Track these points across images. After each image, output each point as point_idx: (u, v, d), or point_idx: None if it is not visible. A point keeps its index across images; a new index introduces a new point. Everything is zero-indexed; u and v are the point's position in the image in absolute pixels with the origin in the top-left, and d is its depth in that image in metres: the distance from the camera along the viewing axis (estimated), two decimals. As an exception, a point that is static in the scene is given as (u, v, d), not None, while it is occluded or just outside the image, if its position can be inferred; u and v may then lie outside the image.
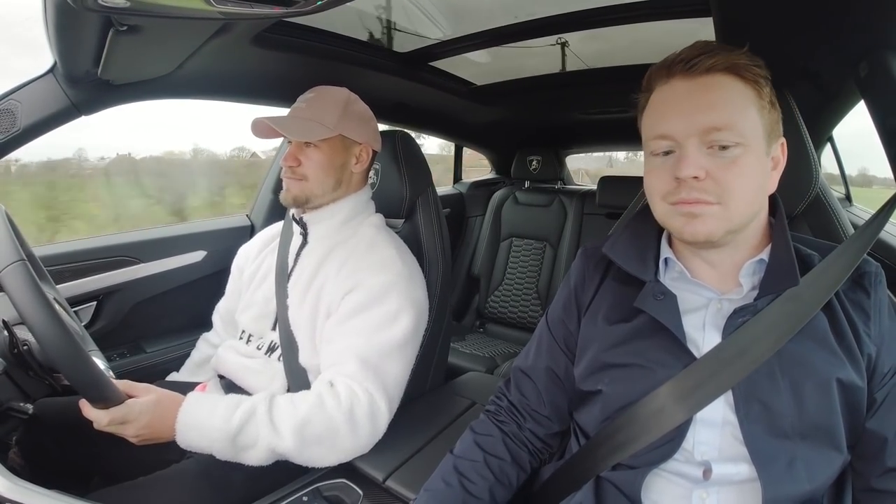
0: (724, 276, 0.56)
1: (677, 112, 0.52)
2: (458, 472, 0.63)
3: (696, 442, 0.53)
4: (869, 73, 0.71)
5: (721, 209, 0.51)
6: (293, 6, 0.49)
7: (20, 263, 0.61)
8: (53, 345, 0.59)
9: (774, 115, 0.53)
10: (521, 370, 0.69)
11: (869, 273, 0.54)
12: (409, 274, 0.89)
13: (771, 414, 0.50)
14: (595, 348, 0.60)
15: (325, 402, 0.75)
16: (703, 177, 0.50)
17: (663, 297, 0.56)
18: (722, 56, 0.51)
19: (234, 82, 1.08)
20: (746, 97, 0.51)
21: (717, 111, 0.50)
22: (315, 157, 0.89)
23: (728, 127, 0.49)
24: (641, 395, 0.54)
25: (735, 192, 0.50)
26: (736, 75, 0.51)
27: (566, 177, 2.44)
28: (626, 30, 1.05)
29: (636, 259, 0.59)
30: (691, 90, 0.52)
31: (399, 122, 1.61)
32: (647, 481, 0.54)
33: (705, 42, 0.53)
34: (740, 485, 0.51)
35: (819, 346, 0.51)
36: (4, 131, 0.82)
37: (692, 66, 0.51)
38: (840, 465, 0.52)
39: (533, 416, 0.67)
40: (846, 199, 1.43)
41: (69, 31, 0.65)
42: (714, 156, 0.50)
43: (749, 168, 0.50)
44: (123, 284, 1.15)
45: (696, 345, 0.55)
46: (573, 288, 0.66)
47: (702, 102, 0.51)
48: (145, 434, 0.69)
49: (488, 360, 1.79)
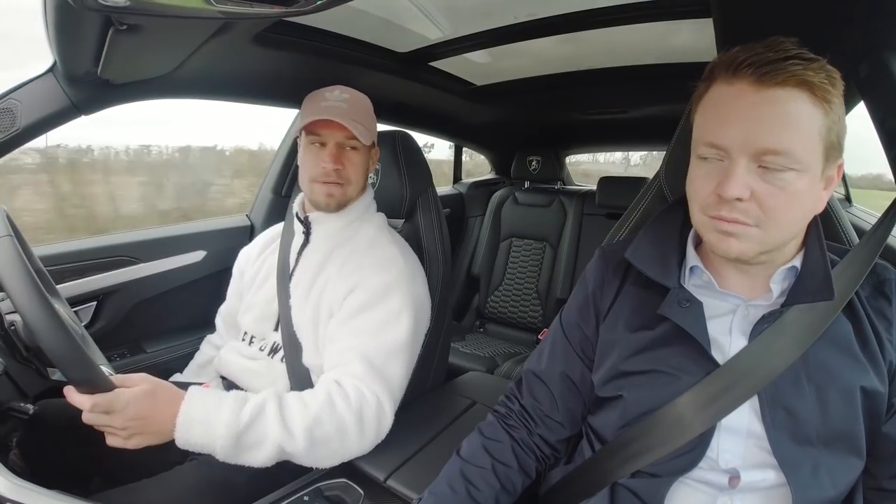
0: (755, 284, 0.55)
1: (736, 125, 0.47)
2: (465, 478, 0.62)
3: (720, 450, 0.52)
4: (869, 74, 0.71)
5: (759, 232, 0.48)
6: (293, 6, 0.49)
7: (6, 238, 0.61)
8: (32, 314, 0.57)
9: (836, 133, 0.48)
10: (535, 374, 0.67)
11: (890, 280, 0.54)
12: (410, 272, 0.89)
13: (796, 420, 0.50)
14: (616, 356, 0.59)
15: (335, 402, 0.74)
16: (748, 198, 0.47)
17: (689, 305, 0.54)
18: (798, 69, 0.45)
19: (234, 82, 1.08)
20: (813, 118, 0.46)
21: (778, 133, 0.46)
22: (356, 160, 0.91)
23: (787, 153, 0.46)
24: (663, 403, 0.53)
25: (777, 219, 0.48)
26: (809, 92, 0.45)
27: (566, 177, 2.44)
28: (627, 30, 1.05)
29: (659, 265, 0.58)
30: (756, 104, 0.46)
31: (399, 122, 1.61)
32: (670, 489, 0.53)
33: (782, 42, 0.47)
34: (767, 491, 0.51)
35: (843, 354, 0.51)
36: (4, 131, 0.82)
37: (764, 74, 0.46)
38: (860, 471, 0.52)
39: (545, 421, 0.65)
40: (846, 199, 1.43)
41: (69, 30, 0.65)
42: (764, 178, 0.47)
43: (799, 193, 0.47)
44: (123, 284, 1.14)
45: (722, 350, 0.54)
46: (591, 292, 0.64)
47: (765, 120, 0.46)
48: (135, 427, 0.64)
49: (488, 359, 1.79)
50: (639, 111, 1.76)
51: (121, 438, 0.65)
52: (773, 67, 0.45)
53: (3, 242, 0.61)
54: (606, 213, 1.95)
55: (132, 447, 0.66)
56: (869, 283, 0.53)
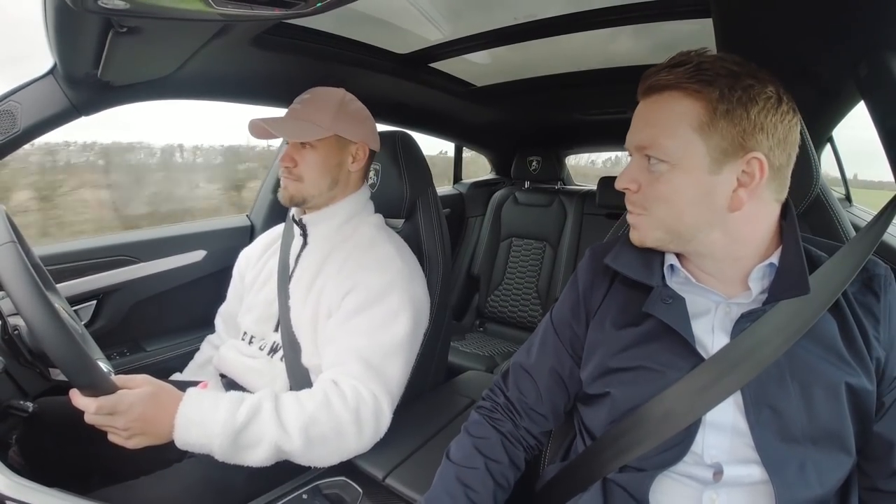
0: (728, 283, 0.56)
1: (630, 130, 0.56)
2: (462, 483, 0.62)
3: (705, 445, 0.53)
4: (869, 74, 0.71)
5: (647, 219, 0.55)
6: (293, 7, 0.50)
7: (9, 245, 0.62)
8: (38, 322, 0.58)
9: (734, 131, 0.49)
10: (523, 367, 0.68)
11: (879, 276, 0.54)
12: (409, 272, 0.89)
13: (781, 419, 0.50)
14: (602, 353, 0.60)
15: (331, 401, 0.75)
16: (636, 189, 0.55)
17: (672, 301, 0.56)
18: (672, 74, 0.51)
19: (233, 83, 1.08)
20: (683, 116, 0.50)
21: (645, 129, 0.53)
22: (310, 158, 0.90)
23: (653, 145, 0.52)
24: (649, 398, 0.54)
25: (658, 205, 0.53)
26: (681, 92, 0.51)
27: (566, 177, 2.44)
28: (627, 30, 1.05)
29: (642, 265, 0.59)
30: (639, 111, 0.55)
31: (399, 123, 1.61)
32: (655, 483, 0.54)
33: (680, 54, 0.53)
34: (752, 486, 0.51)
35: (828, 351, 0.51)
36: (4, 132, 0.82)
37: (647, 87, 0.54)
38: (849, 468, 0.52)
39: (530, 414, 0.67)
40: (846, 199, 1.43)
41: (69, 32, 0.66)
42: (648, 170, 0.54)
43: (678, 185, 0.52)
44: (123, 284, 1.15)
45: (706, 348, 0.54)
46: (582, 292, 0.66)
47: (640, 120, 0.55)
48: (136, 428, 0.65)
49: (488, 359, 1.79)
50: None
51: (121, 438, 0.66)
52: (649, 81, 0.53)
53: (7, 249, 0.61)
54: (606, 213, 1.95)
55: (132, 447, 0.67)
56: (858, 278, 0.53)
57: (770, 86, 0.50)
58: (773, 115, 0.50)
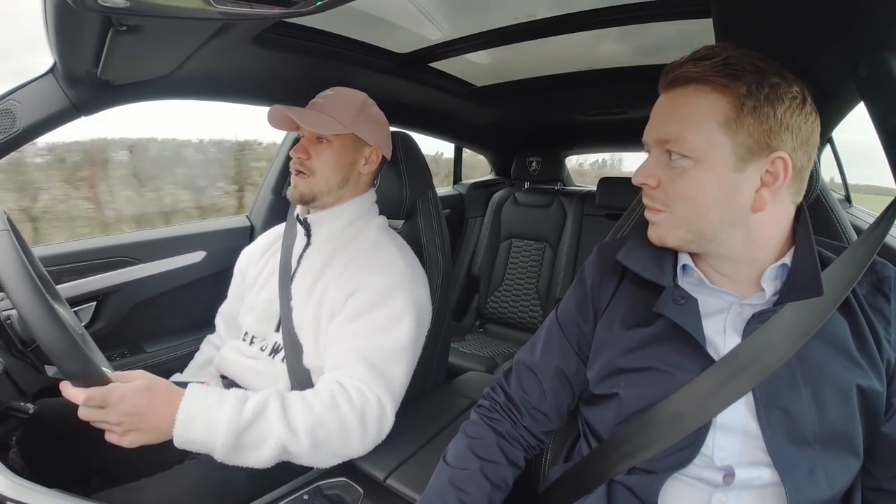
0: (742, 284, 0.55)
1: (650, 123, 0.55)
2: (455, 486, 0.61)
3: (715, 447, 0.52)
4: (869, 74, 0.71)
5: (667, 217, 0.53)
6: (293, 6, 0.49)
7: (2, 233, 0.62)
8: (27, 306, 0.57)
9: (760, 129, 0.48)
10: (526, 365, 0.67)
11: (889, 279, 0.53)
12: (412, 275, 0.89)
13: (792, 421, 0.50)
14: (610, 353, 0.59)
15: (338, 402, 0.74)
16: (655, 185, 0.53)
17: (684, 302, 0.55)
18: (698, 67, 0.50)
19: (234, 82, 1.08)
20: (709, 111, 0.49)
21: (669, 123, 0.52)
22: (325, 153, 0.90)
23: (676, 140, 0.51)
24: (659, 399, 0.53)
25: (680, 203, 0.52)
26: (707, 86, 0.50)
27: (566, 177, 2.44)
28: (627, 30, 1.05)
29: (653, 264, 0.58)
30: (661, 104, 0.54)
31: (399, 123, 1.61)
32: (665, 485, 0.53)
33: (705, 47, 0.51)
34: (762, 489, 0.51)
35: (840, 353, 0.51)
36: (4, 132, 0.82)
37: (671, 80, 0.53)
38: (857, 470, 0.52)
39: (531, 413, 0.66)
40: (846, 200, 1.43)
41: (69, 31, 0.65)
42: (669, 165, 0.52)
43: (701, 182, 0.50)
44: (123, 284, 1.15)
45: (717, 349, 0.54)
46: (589, 290, 0.65)
47: (662, 114, 0.53)
48: (130, 423, 0.62)
49: (488, 359, 1.79)
50: (638, 112, 1.76)
51: (116, 436, 0.63)
52: (673, 73, 0.52)
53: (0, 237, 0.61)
54: (606, 213, 1.95)
55: (128, 445, 0.64)
56: (868, 280, 0.53)
57: (795, 85, 0.50)
58: (798, 116, 0.49)
